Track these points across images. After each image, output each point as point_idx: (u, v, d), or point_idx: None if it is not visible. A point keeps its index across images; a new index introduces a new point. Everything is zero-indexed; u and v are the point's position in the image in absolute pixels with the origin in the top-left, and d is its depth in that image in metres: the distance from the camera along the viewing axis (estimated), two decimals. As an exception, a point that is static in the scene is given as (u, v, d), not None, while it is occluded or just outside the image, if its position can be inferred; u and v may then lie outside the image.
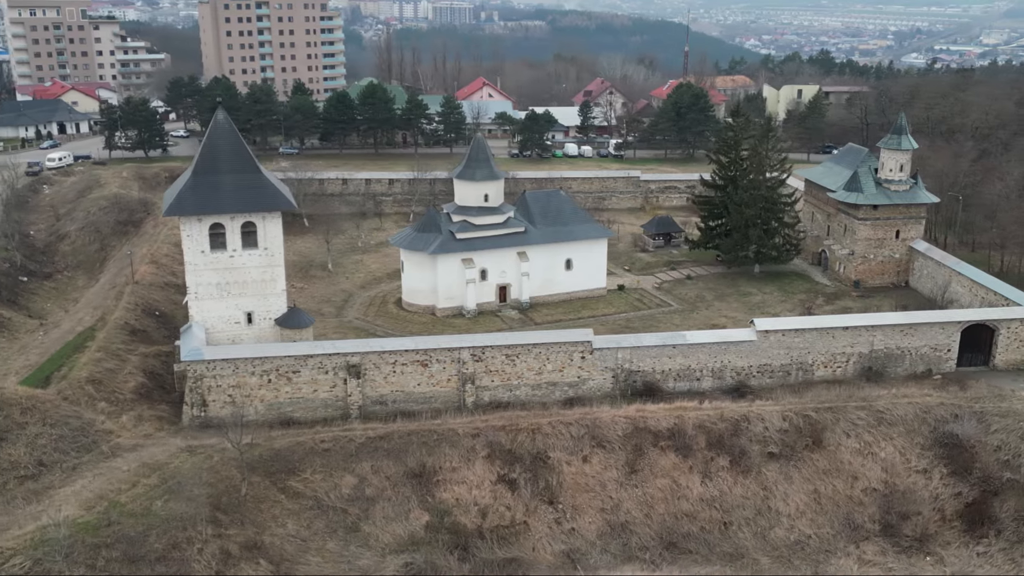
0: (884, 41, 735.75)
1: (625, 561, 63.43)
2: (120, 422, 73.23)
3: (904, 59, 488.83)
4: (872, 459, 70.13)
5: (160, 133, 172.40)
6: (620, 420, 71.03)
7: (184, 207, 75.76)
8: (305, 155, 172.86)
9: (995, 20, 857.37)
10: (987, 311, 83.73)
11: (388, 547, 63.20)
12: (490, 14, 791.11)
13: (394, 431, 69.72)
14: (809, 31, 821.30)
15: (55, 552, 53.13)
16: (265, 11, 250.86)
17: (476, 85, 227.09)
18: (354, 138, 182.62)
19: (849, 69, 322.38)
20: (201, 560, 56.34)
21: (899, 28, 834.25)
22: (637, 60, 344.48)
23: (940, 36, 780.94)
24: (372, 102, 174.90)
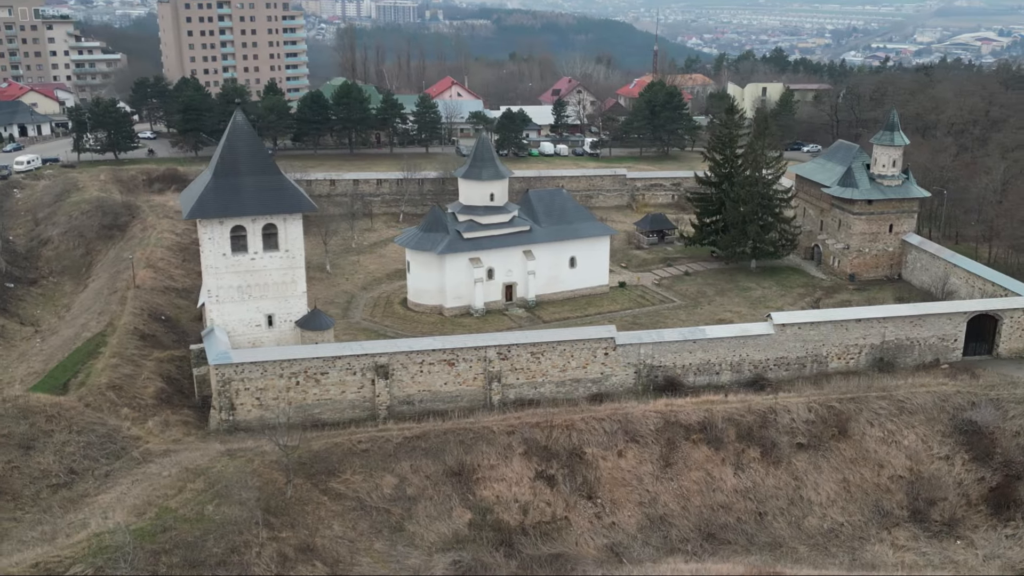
0: (822, 40, 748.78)
1: (668, 553, 64.34)
2: (146, 428, 72.50)
3: (843, 56, 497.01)
4: (896, 447, 72.02)
5: (130, 135, 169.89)
6: (651, 415, 72.04)
7: (206, 210, 75.07)
8: (279, 156, 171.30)
9: (927, 19, 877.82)
10: (991, 301, 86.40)
11: (434, 546, 63.41)
12: (434, 13, 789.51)
13: (430, 430, 69.92)
14: (748, 30, 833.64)
15: (119, 558, 52.54)
16: (227, 11, 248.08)
17: (444, 84, 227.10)
18: (328, 138, 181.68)
19: (803, 67, 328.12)
20: (260, 563, 56.15)
21: (836, 27, 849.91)
22: (595, 59, 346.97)
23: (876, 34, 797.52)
24: (347, 102, 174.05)
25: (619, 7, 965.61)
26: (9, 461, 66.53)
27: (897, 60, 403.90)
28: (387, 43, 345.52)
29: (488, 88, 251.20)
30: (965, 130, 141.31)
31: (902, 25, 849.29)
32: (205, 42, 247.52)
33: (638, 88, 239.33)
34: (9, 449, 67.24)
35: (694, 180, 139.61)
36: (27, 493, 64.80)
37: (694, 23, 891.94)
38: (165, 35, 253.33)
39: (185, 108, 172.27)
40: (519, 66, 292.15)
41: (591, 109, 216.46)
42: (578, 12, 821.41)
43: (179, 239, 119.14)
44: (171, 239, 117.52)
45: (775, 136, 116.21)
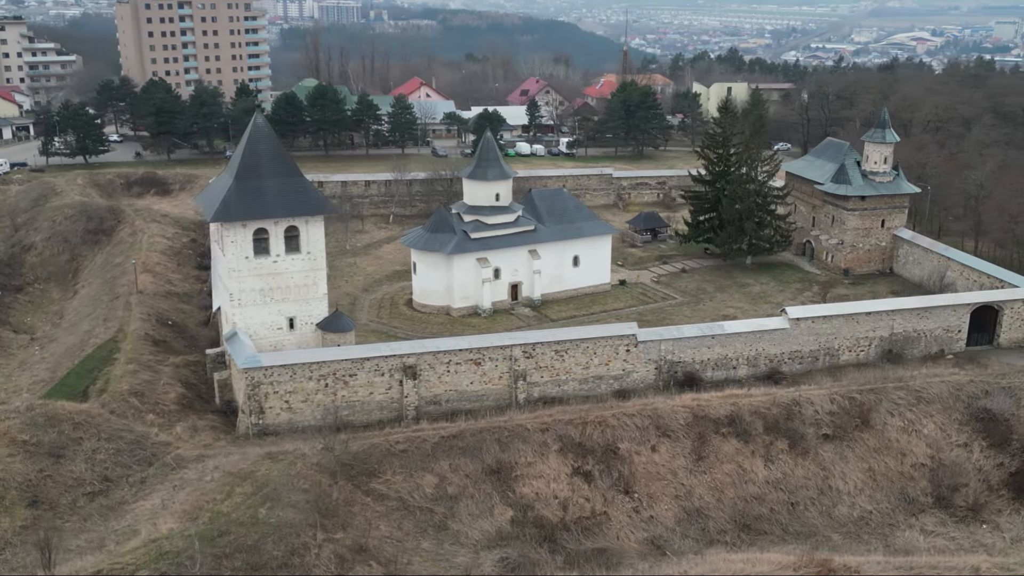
0: (762, 40, 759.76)
1: (707, 545, 65.46)
2: (174, 433, 71.87)
3: (783, 56, 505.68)
4: (916, 436, 74.05)
5: (100, 139, 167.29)
6: (679, 410, 73.18)
7: (230, 212, 74.60)
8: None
9: (862, 19, 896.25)
10: (993, 293, 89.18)
11: (479, 543, 63.85)
12: (379, 13, 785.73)
13: (465, 429, 70.30)
14: (690, 30, 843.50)
15: (184, 563, 52.21)
16: (188, 11, 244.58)
17: (413, 85, 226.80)
18: (303, 140, 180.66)
19: (759, 67, 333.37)
20: (319, 565, 56.18)
21: (775, 27, 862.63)
22: (553, 59, 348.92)
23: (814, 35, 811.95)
24: (322, 103, 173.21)
25: (561, 7, 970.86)
26: (41, 470, 65.53)
27: (851, 60, 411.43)
28: (334, 43, 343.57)
29: (453, 89, 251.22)
30: (941, 127, 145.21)
31: (839, 25, 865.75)
32: (166, 43, 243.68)
33: (605, 88, 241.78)
34: (40, 458, 66.22)
35: (678, 180, 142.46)
36: (64, 502, 63.88)
37: (636, 23, 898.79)
38: (124, 36, 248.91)
39: (158, 111, 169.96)
40: (481, 66, 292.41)
41: (560, 109, 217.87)
42: (522, 12, 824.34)
43: (171, 243, 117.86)
44: (163, 243, 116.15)
45: (769, 135, 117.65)
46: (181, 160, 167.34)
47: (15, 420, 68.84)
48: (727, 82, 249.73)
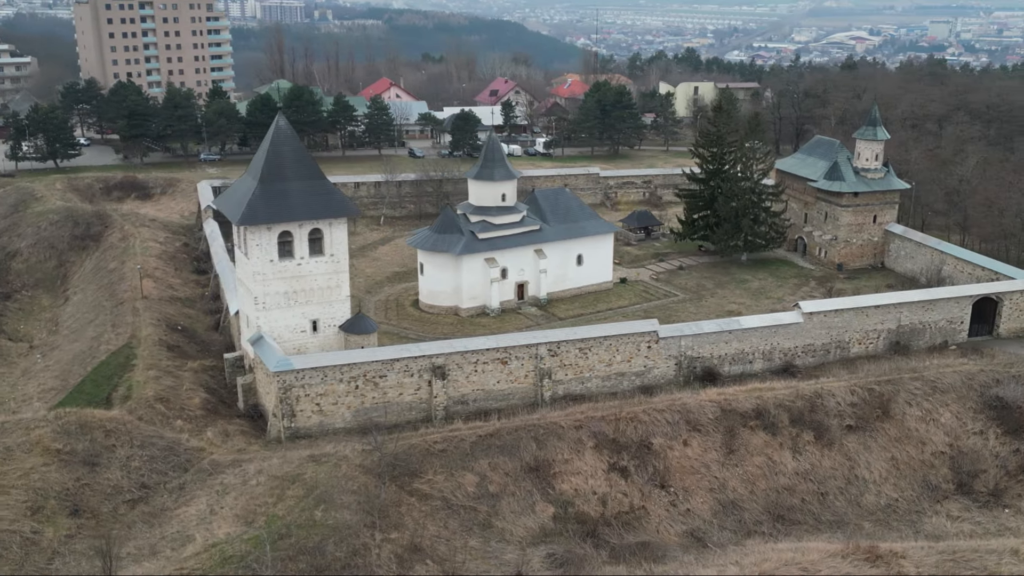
0: (705, 39, 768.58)
1: (745, 536, 66.79)
2: (206, 438, 71.49)
3: (727, 55, 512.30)
4: (934, 425, 76.30)
5: (71, 142, 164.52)
6: (707, 404, 74.54)
7: (256, 216, 74.21)
8: (229, 161, 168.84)
9: (801, 19, 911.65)
10: (993, 284, 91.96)
11: (524, 540, 64.47)
12: (323, 12, 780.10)
13: (501, 428, 70.85)
14: (633, 30, 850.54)
15: (253, 565, 52.20)
16: (149, 12, 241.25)
17: (382, 86, 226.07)
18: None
19: (716, 67, 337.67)
20: (381, 565, 56.47)
21: (717, 27, 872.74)
22: (512, 59, 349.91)
23: (755, 34, 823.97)
24: (298, 104, 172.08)
25: (504, 7, 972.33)
26: (78, 479, 64.87)
27: (808, 59, 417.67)
28: (293, 44, 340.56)
29: (420, 89, 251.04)
30: (918, 124, 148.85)
31: (779, 25, 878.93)
32: (128, 44, 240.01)
33: (573, 89, 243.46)
34: (75, 466, 65.55)
35: (664, 178, 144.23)
36: (104, 510, 63.30)
37: (580, 23, 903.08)
38: (83, 37, 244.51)
39: (130, 114, 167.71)
40: (444, 67, 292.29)
41: (530, 109, 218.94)
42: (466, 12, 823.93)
43: (164, 248, 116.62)
44: (157, 248, 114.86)
45: (765, 133, 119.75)
46: (155, 164, 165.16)
47: (45, 429, 67.99)
48: (689, 82, 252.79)
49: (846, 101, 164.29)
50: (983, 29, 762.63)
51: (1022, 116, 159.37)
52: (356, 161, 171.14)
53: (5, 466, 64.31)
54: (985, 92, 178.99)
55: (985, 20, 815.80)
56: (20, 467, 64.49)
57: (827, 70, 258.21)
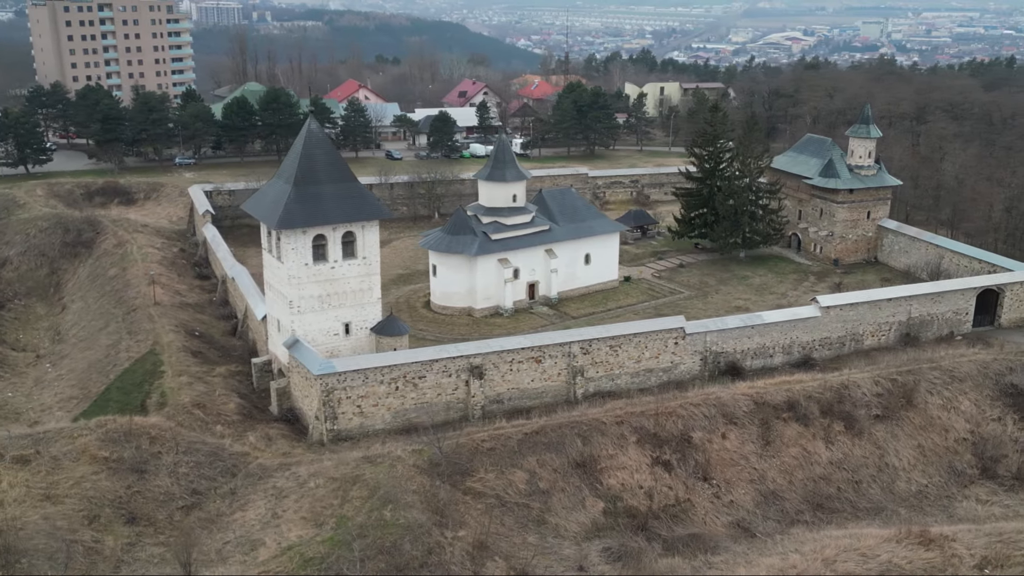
0: (645, 40, 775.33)
1: (789, 525, 68.51)
2: (248, 443, 71.35)
3: (668, 56, 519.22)
4: (955, 412, 78.99)
5: (43, 147, 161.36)
6: (740, 398, 76.27)
7: (292, 219, 74.18)
8: (205, 165, 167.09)
9: (736, 20, 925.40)
10: (996, 276, 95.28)
11: (578, 535, 65.43)
12: (262, 14, 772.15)
13: (545, 426, 71.70)
14: (572, 31, 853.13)
15: (337, 565, 52.50)
16: (108, 14, 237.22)
17: (351, 88, 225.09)
18: (254, 145, 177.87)
19: (672, 67, 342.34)
20: (455, 563, 57.03)
21: (655, 28, 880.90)
22: (468, 60, 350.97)
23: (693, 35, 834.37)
24: (275, 106, 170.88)
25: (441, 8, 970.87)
26: (129, 486, 64.42)
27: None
28: (216, 46, 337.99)
29: (384, 91, 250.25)
30: (893, 123, 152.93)
31: (716, 25, 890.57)
32: (87, 47, 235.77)
33: (541, 90, 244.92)
34: (124, 474, 65.08)
35: (651, 178, 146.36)
36: (160, 517, 62.95)
37: (518, 24, 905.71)
38: (40, 40, 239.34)
39: (104, 118, 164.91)
40: (407, 68, 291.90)
41: (499, 110, 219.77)
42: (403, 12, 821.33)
43: (162, 253, 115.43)
44: (156, 254, 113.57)
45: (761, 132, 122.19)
46: (130, 169, 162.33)
47: (89, 437, 67.42)
48: (653, 82, 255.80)
49: (819, 100, 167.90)
50: (912, 29, 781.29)
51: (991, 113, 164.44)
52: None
53: (56, 475, 63.64)
54: (947, 91, 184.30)
55: (914, 21, 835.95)
56: (71, 476, 63.89)
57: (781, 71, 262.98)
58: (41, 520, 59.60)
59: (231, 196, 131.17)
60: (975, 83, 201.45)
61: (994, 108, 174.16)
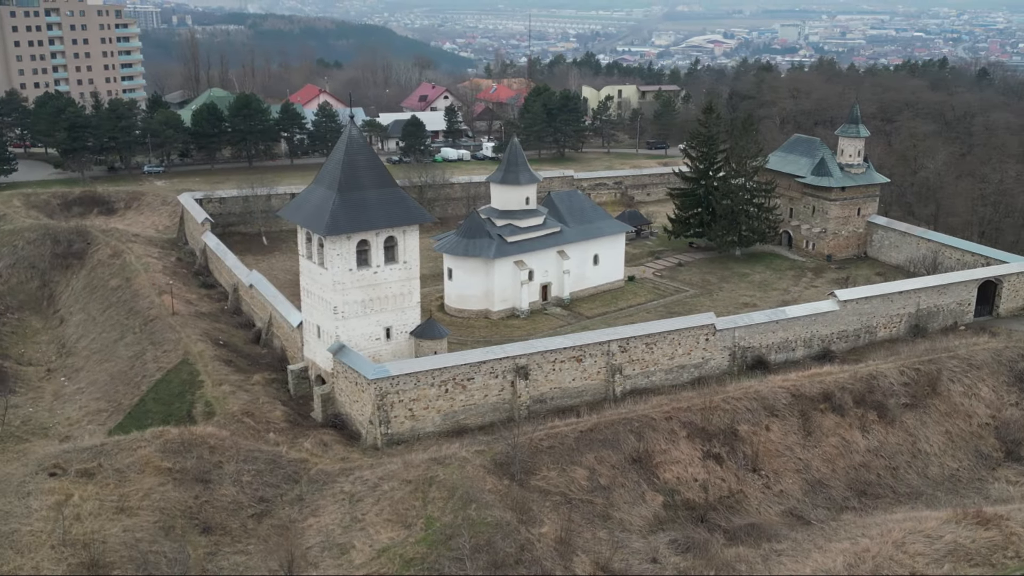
0: (570, 44, 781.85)
1: (839, 512, 71.03)
2: (304, 449, 71.46)
3: (595, 58, 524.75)
4: (976, 399, 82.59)
5: (6, 157, 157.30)
6: (778, 390, 78.69)
7: (339, 225, 74.32)
8: (175, 173, 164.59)
9: (657, 23, 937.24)
10: (995, 268, 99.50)
11: (643, 529, 66.96)
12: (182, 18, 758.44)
13: (599, 423, 73.11)
14: (497, 34, 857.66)
15: (442, 563, 53.15)
16: (56, 19, 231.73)
17: (311, 92, 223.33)
18: (223, 152, 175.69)
19: (617, 70, 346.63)
20: (546, 559, 58.02)
21: (578, 31, 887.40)
22: (413, 63, 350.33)
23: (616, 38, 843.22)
24: (247, 113, 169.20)
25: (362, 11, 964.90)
26: (196, 496, 64.25)
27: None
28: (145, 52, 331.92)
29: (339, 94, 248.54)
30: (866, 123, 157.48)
31: (638, 29, 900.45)
32: (34, 52, 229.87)
33: (499, 94, 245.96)
34: (190, 484, 64.88)
35: (633, 179, 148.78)
36: (233, 526, 62.89)
37: (442, 28, 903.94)
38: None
39: (71, 126, 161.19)
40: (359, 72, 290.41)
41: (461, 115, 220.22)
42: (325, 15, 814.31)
43: (162, 263, 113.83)
44: (156, 264, 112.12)
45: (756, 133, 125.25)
46: (98, 178, 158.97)
47: (149, 448, 67.08)
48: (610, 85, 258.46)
49: (784, 102, 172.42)
50: (828, 32, 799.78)
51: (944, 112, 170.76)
52: (306, 169, 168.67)
53: (125, 488, 63.14)
54: (901, 91, 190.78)
55: (829, 23, 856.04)
56: (139, 488, 63.46)
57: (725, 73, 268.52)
58: (121, 532, 59.24)
59: (222, 204, 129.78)
60: (923, 83, 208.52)
61: (947, 107, 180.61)
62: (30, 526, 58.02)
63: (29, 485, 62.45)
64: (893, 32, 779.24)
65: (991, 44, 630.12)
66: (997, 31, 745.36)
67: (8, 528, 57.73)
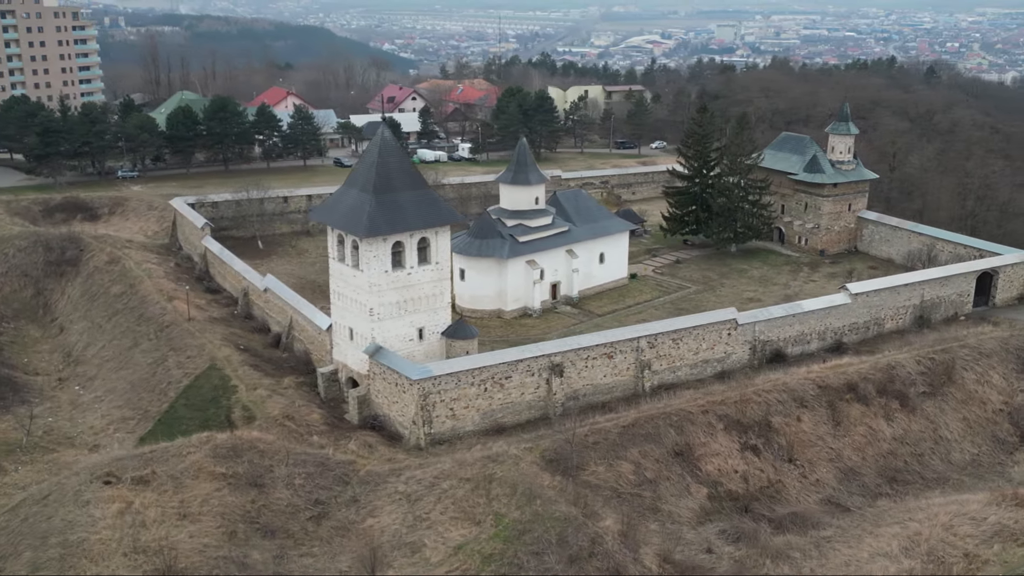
0: (509, 44, 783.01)
1: (874, 498, 73.20)
2: (351, 451, 71.59)
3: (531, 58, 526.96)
4: (988, 386, 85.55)
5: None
6: (805, 383, 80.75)
7: (378, 228, 74.54)
8: (150, 178, 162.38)
9: (595, 23, 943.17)
10: (991, 260, 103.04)
11: (691, 520, 68.37)
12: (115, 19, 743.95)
13: (639, 418, 74.32)
14: (435, 35, 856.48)
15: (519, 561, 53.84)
16: (11, 21, 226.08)
17: (278, 95, 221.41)
18: (197, 156, 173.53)
19: (573, 71, 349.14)
20: (619, 553, 58.83)
21: (517, 31, 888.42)
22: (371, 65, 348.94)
23: (556, 39, 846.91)
24: (223, 115, 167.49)
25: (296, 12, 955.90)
26: (252, 500, 64.07)
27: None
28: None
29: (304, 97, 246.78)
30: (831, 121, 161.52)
31: (576, 29, 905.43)
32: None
33: (466, 95, 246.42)
34: (245, 488, 64.67)
35: (619, 178, 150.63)
36: (294, 529, 62.89)
37: (379, 28, 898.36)
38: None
39: (44, 131, 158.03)
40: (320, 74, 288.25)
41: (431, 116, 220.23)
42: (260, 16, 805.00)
43: (161, 268, 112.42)
44: (157, 269, 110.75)
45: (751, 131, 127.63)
46: (72, 183, 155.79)
47: (198, 454, 66.70)
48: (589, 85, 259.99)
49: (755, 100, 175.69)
50: (763, 32, 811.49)
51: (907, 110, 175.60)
52: (284, 172, 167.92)
53: (183, 494, 62.74)
54: (865, 89, 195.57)
55: (764, 24, 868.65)
56: (197, 494, 63.10)
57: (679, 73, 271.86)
58: (188, 539, 58.92)
59: (215, 208, 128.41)
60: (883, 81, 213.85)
61: (910, 104, 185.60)
62: (98, 534, 57.39)
63: (86, 494, 61.67)
64: (826, 32, 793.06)
65: (920, 43, 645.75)
66: (925, 31, 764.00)
67: (76, 537, 57.07)
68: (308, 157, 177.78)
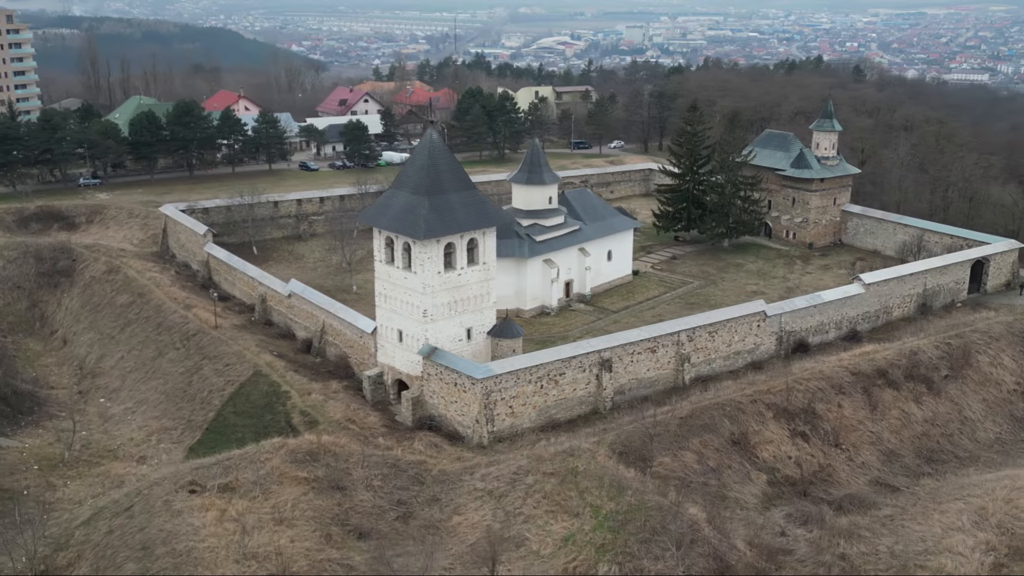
0: (420, 45, 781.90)
1: (917, 478, 76.62)
2: (418, 451, 72.10)
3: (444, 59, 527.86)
4: (1001, 368, 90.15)
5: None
6: (839, 370, 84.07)
7: (433, 230, 75.02)
8: (114, 185, 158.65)
9: (503, 25, 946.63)
10: (983, 248, 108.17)
11: (756, 506, 70.75)
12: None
13: (695, 409, 76.51)
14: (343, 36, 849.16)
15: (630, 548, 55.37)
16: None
17: (229, 98, 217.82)
18: (165, 161, 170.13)
19: (509, 72, 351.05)
20: (713, 539, 60.69)
21: (426, 33, 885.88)
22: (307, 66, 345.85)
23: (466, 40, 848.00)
24: (188, 120, 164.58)
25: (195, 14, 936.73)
26: (338, 503, 64.39)
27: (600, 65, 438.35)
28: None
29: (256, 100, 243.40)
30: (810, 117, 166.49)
31: (485, 31, 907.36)
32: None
33: (416, 97, 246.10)
34: (329, 493, 64.93)
35: (599, 177, 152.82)
36: (384, 529, 63.51)
37: (284, 30, 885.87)
38: None
39: (1, 139, 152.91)
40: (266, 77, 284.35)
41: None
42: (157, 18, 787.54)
43: (164, 276, 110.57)
44: (162, 278, 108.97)
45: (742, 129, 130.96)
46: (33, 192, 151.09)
47: (276, 459, 66.73)
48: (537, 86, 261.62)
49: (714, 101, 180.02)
50: (671, 33, 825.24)
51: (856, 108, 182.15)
52: (251, 177, 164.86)
53: (273, 499, 62.78)
54: (810, 87, 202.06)
55: (671, 25, 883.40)
56: (285, 499, 63.11)
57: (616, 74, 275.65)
58: (290, 543, 58.83)
59: (205, 214, 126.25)
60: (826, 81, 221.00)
61: (858, 103, 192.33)
62: (204, 543, 56.93)
63: (176, 503, 61.12)
64: (730, 32, 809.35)
65: (821, 43, 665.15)
66: (824, 31, 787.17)
67: (183, 547, 56.52)
68: (273, 161, 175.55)
